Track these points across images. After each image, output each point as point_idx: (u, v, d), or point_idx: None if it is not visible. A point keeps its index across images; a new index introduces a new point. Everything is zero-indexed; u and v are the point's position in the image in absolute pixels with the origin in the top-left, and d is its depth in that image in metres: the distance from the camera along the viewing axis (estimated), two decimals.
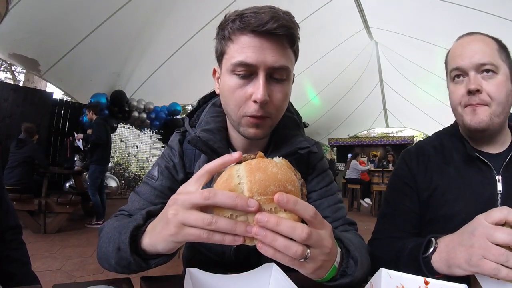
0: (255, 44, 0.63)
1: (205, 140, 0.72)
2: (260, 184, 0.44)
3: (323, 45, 7.69)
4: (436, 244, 0.66)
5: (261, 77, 0.64)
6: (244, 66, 0.64)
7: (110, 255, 0.60)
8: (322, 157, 0.88)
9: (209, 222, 0.43)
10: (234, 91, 0.66)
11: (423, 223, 0.91)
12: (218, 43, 0.70)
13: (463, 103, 0.84)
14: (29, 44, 4.76)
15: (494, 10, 4.64)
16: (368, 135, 17.87)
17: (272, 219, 0.42)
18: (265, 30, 0.62)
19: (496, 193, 0.83)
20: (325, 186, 0.84)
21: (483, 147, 0.89)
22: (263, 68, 0.64)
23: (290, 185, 0.45)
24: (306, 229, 0.44)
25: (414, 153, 0.97)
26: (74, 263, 3.12)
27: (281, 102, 0.68)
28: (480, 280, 0.57)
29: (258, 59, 0.63)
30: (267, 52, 0.63)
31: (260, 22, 0.61)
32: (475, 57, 0.81)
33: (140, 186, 0.82)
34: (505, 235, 0.54)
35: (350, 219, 0.84)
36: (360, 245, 0.70)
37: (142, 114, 7.19)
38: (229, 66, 0.66)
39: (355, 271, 0.57)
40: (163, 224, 0.48)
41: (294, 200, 0.44)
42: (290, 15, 0.66)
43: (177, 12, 5.25)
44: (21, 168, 4.32)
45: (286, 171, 0.46)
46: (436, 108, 9.66)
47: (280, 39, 0.64)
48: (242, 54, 0.64)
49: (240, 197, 0.43)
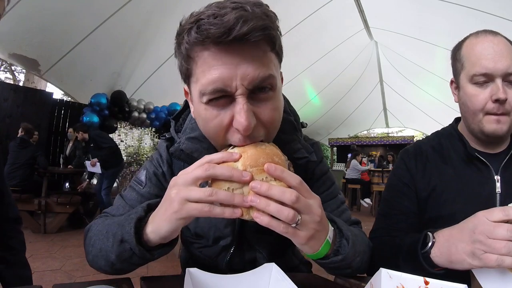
0: (223, 60, 0.50)
1: (189, 152, 0.66)
2: (251, 158, 0.50)
3: (323, 45, 7.69)
4: (434, 239, 0.67)
5: (240, 100, 0.51)
6: (216, 92, 0.51)
7: (110, 250, 0.58)
8: (322, 160, 0.83)
9: (210, 193, 0.47)
10: (209, 123, 0.55)
11: (421, 223, 0.91)
12: (179, 63, 0.57)
13: (486, 110, 0.81)
14: (29, 44, 4.76)
15: (494, 10, 4.64)
16: (368, 135, 17.86)
17: (264, 185, 0.47)
18: (232, 39, 0.47)
19: (495, 193, 0.83)
20: (326, 190, 0.80)
21: (482, 147, 0.89)
22: (240, 88, 0.51)
23: (277, 158, 0.52)
24: (295, 192, 0.48)
25: (412, 153, 0.97)
26: (74, 263, 3.12)
27: (272, 117, 0.56)
28: (480, 279, 0.57)
29: (230, 79, 0.50)
30: (241, 67, 0.50)
31: (223, 30, 0.47)
32: (505, 63, 0.77)
33: (127, 191, 0.77)
34: (505, 232, 0.54)
35: (354, 219, 0.83)
36: (359, 234, 0.70)
37: (142, 114, 7.19)
38: (198, 94, 0.54)
39: (347, 249, 0.59)
40: (167, 204, 0.51)
41: (281, 168, 0.49)
42: (261, 5, 0.52)
43: (177, 12, 5.24)
44: (24, 170, 4.31)
45: (272, 147, 0.54)
46: (436, 108, 9.66)
47: (255, 45, 0.50)
48: (210, 77, 0.50)
49: (235, 169, 0.48)
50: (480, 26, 0.92)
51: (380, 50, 9.36)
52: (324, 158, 0.86)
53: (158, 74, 6.55)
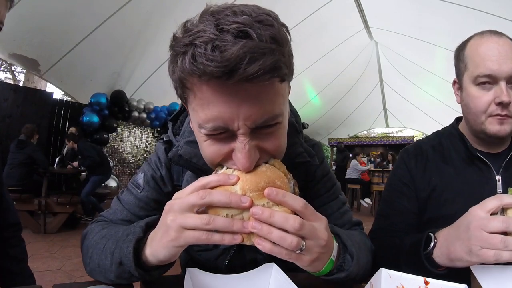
0: (224, 98, 0.44)
1: (187, 158, 0.64)
2: (251, 182, 0.47)
3: (323, 45, 7.69)
4: (436, 239, 0.66)
5: (242, 138, 0.47)
6: (217, 129, 0.47)
7: (109, 269, 0.58)
8: (322, 161, 0.81)
9: (207, 221, 0.44)
10: (207, 149, 0.51)
11: (421, 223, 0.91)
12: (174, 83, 0.50)
13: (489, 113, 0.80)
14: (29, 44, 4.76)
15: (494, 10, 4.64)
16: (368, 135, 17.86)
17: (266, 212, 0.44)
18: (238, 81, 0.41)
19: (496, 193, 0.83)
20: (327, 191, 0.79)
21: (483, 147, 0.89)
22: (243, 129, 0.46)
23: (279, 181, 0.48)
24: (298, 219, 0.46)
25: (412, 152, 0.97)
26: (74, 263, 3.12)
27: (277, 148, 0.52)
28: (480, 279, 0.57)
29: (231, 118, 0.45)
30: (244, 106, 0.44)
31: (224, 70, 0.40)
32: (508, 65, 0.76)
33: (124, 194, 0.75)
34: (499, 223, 0.54)
35: (356, 220, 0.82)
36: (362, 242, 0.69)
37: (142, 114, 7.19)
38: (196, 124, 0.50)
39: (351, 266, 0.58)
40: (163, 231, 0.49)
41: (282, 193, 0.46)
42: (272, 26, 0.44)
43: (177, 12, 5.24)
44: (21, 169, 4.32)
45: (274, 170, 0.50)
46: (436, 108, 9.66)
47: (263, 82, 0.43)
48: (209, 113, 0.45)
49: (233, 194, 0.45)
50: (480, 26, 0.92)
51: (380, 50, 9.36)
52: (325, 159, 0.84)
53: (158, 74, 6.55)
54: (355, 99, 11.44)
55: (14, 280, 0.96)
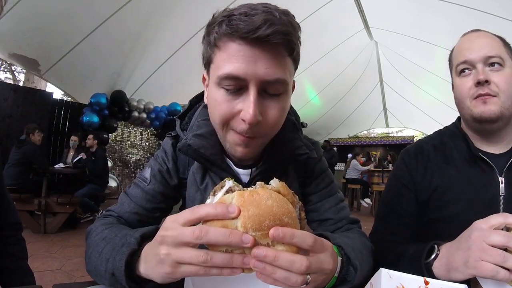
0: (245, 53, 0.54)
1: (196, 148, 0.68)
2: (254, 220, 0.41)
3: (323, 45, 7.68)
4: (438, 251, 0.66)
5: (252, 92, 0.55)
6: (232, 79, 0.55)
7: (103, 276, 0.57)
8: (321, 158, 0.85)
9: (204, 260, 0.41)
10: (221, 106, 0.58)
11: (422, 225, 0.90)
12: (205, 49, 0.62)
13: (472, 95, 0.82)
14: (29, 44, 4.76)
15: (494, 10, 4.64)
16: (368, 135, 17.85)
17: (270, 254, 0.41)
18: (257, 37, 0.52)
19: (499, 195, 0.81)
20: (325, 187, 0.82)
21: (486, 147, 0.87)
22: (254, 82, 0.55)
23: (287, 217, 0.43)
24: (305, 261, 0.43)
25: (413, 152, 0.96)
26: (74, 263, 3.13)
27: (277, 119, 0.60)
28: (480, 280, 0.57)
29: (248, 71, 0.54)
30: (259, 62, 0.54)
31: (251, 27, 0.52)
32: (483, 50, 0.81)
33: (131, 188, 0.78)
34: (501, 237, 0.54)
35: (353, 217, 0.82)
36: (363, 246, 0.68)
37: (142, 114, 7.18)
38: (215, 79, 0.58)
39: (355, 278, 0.57)
40: (157, 262, 0.46)
41: (290, 233, 0.42)
42: (288, 15, 0.57)
43: (177, 12, 5.24)
44: (16, 168, 4.36)
45: (282, 202, 0.44)
46: (436, 108, 9.65)
47: (276, 47, 0.55)
48: (230, 65, 0.55)
49: (233, 234, 0.41)
50: (480, 26, 0.92)
51: (380, 50, 9.36)
52: (323, 157, 0.87)
53: (158, 74, 6.54)
54: (355, 99, 11.44)
55: (12, 278, 0.95)
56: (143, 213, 0.75)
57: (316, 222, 0.80)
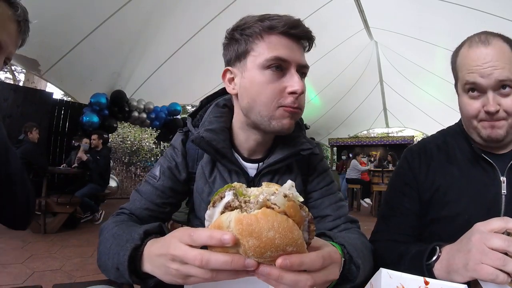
0: (285, 43, 0.69)
1: (208, 140, 0.73)
2: (255, 250, 0.39)
3: (323, 45, 7.68)
4: (440, 253, 0.66)
5: (293, 71, 0.69)
6: (279, 60, 0.68)
7: (110, 271, 0.61)
8: (323, 158, 0.90)
9: (210, 277, 0.43)
10: (268, 85, 0.69)
11: (424, 224, 0.90)
12: (238, 45, 0.72)
13: (479, 118, 0.81)
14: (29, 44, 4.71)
15: (494, 10, 4.64)
16: (368, 135, 17.86)
17: (274, 273, 0.41)
18: (293, 33, 0.68)
19: (501, 194, 0.81)
20: (326, 185, 0.86)
21: (489, 148, 0.87)
22: (294, 64, 0.69)
23: (291, 246, 0.39)
24: (310, 281, 0.43)
25: (416, 151, 0.96)
26: (74, 263, 3.13)
27: (304, 96, 0.73)
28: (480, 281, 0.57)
29: (290, 56, 0.68)
30: (295, 51, 0.69)
31: (291, 25, 0.68)
32: (494, 74, 0.75)
33: (142, 185, 0.83)
34: (501, 241, 0.54)
35: (352, 217, 0.84)
36: (363, 246, 0.69)
37: (142, 114, 7.19)
38: (261, 62, 0.68)
39: (357, 276, 0.57)
40: (167, 273, 0.49)
41: (298, 262, 0.41)
42: None
43: (177, 12, 5.24)
44: None
45: (285, 232, 0.39)
46: (436, 108, 9.66)
47: (303, 43, 0.71)
48: (276, 51, 0.68)
49: (235, 261, 0.40)
50: (480, 26, 0.91)
51: (380, 50, 9.36)
52: (324, 158, 0.91)
53: (158, 74, 6.55)
54: (355, 99, 11.44)
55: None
56: (154, 209, 0.79)
57: (316, 218, 0.82)
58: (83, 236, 4.13)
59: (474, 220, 0.61)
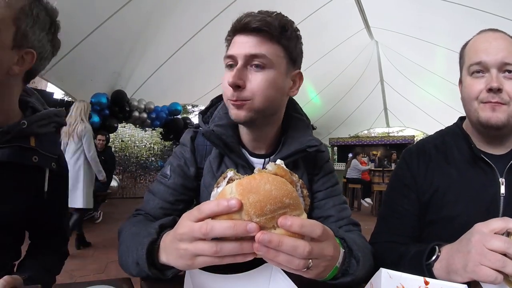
0: (237, 40, 0.72)
1: (218, 134, 0.76)
2: (255, 206, 0.43)
3: (323, 44, 7.67)
4: (439, 253, 0.66)
5: (240, 65, 0.69)
6: (229, 58, 0.72)
7: (131, 267, 0.62)
8: (329, 159, 0.92)
9: (215, 251, 0.45)
10: (223, 82, 0.73)
11: (423, 225, 0.90)
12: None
13: (480, 99, 0.81)
14: None
15: (494, 10, 4.63)
16: (368, 135, 17.84)
17: (274, 240, 0.43)
18: (241, 26, 0.70)
19: (499, 195, 0.81)
20: (331, 186, 0.87)
21: (487, 148, 0.87)
22: (240, 57, 0.70)
23: (287, 198, 0.44)
24: (308, 247, 0.45)
25: (414, 152, 0.96)
26: (74, 263, 3.12)
27: (260, 87, 0.70)
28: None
29: (236, 51, 0.70)
30: (245, 45, 0.70)
31: (239, 21, 0.70)
32: (500, 54, 0.78)
33: (154, 186, 0.85)
34: (501, 243, 0.54)
35: (354, 220, 0.85)
36: (364, 246, 0.70)
37: (143, 114, 7.19)
38: (224, 60, 0.74)
39: (357, 270, 0.58)
40: (178, 256, 0.51)
41: (299, 223, 0.44)
42: (278, 14, 0.73)
43: (177, 12, 5.24)
44: None
45: (280, 184, 0.45)
46: (436, 107, 9.65)
47: (256, 32, 0.69)
48: (229, 51, 0.73)
49: (238, 225, 0.43)
50: (480, 26, 0.92)
51: (380, 50, 9.35)
52: (329, 159, 0.93)
53: (159, 73, 6.55)
54: (355, 99, 11.43)
55: None
56: (167, 207, 0.82)
57: (319, 219, 0.83)
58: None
59: (473, 221, 0.61)
